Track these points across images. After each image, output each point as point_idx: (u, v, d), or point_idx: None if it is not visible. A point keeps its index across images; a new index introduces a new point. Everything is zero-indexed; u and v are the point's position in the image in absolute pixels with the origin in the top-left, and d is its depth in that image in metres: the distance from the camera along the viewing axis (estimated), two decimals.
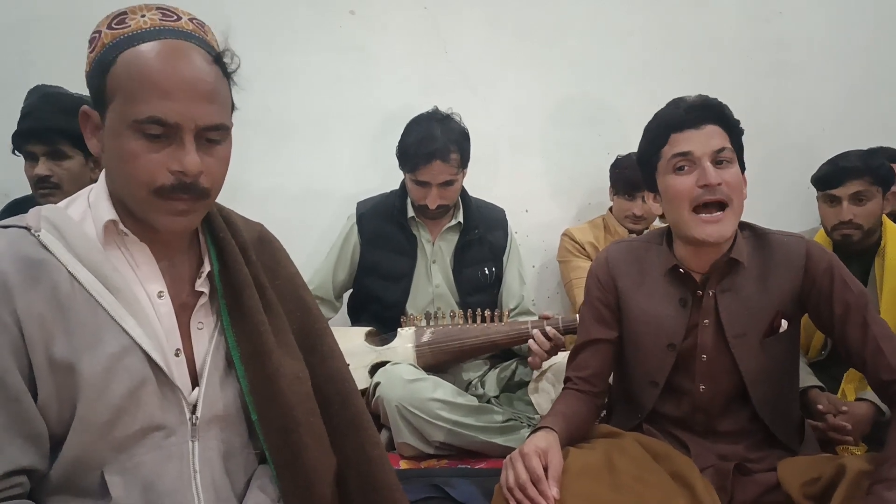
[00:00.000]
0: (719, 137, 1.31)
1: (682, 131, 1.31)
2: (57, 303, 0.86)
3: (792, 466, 1.26)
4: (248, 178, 2.44)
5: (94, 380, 0.85)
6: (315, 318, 1.08)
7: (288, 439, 0.96)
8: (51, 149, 1.80)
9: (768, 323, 1.35)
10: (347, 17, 2.52)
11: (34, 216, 0.91)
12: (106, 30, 0.89)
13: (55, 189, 1.82)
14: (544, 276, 2.79)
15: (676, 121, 1.32)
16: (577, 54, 2.69)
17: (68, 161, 1.81)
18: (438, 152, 2.03)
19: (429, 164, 2.04)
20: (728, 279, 1.36)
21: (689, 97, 1.35)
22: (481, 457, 1.84)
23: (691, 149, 1.30)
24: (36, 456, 0.85)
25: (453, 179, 2.09)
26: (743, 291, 1.35)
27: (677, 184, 1.31)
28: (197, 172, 0.88)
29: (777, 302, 1.35)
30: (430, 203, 2.08)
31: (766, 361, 1.36)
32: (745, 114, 1.38)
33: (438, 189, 2.07)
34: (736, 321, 1.35)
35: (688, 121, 1.31)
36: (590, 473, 1.17)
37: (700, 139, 1.30)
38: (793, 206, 2.67)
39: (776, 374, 1.38)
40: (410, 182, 2.11)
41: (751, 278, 1.36)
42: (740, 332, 1.35)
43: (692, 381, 1.38)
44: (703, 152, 1.29)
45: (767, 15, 2.80)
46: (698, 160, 1.29)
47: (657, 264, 1.41)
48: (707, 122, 1.31)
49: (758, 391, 1.36)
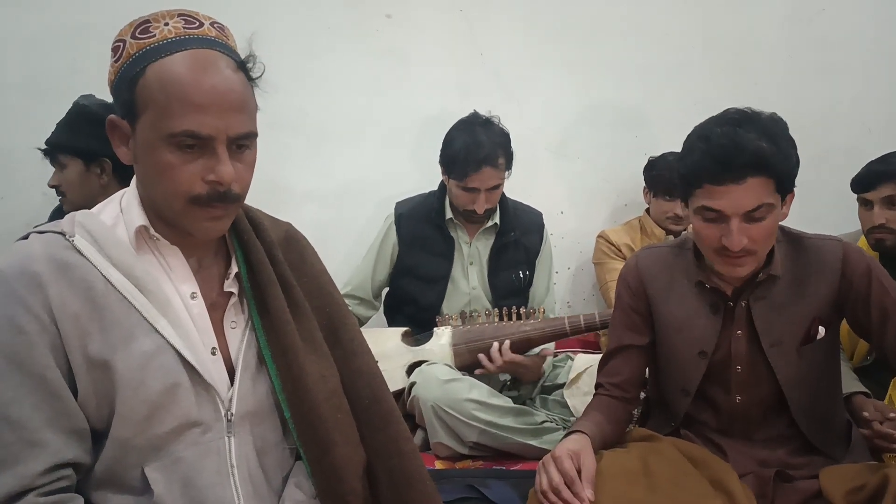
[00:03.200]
0: (759, 192, 1.18)
1: (719, 185, 1.18)
2: (91, 302, 0.88)
3: (835, 474, 1.23)
4: (286, 181, 2.48)
5: (129, 375, 0.88)
6: (343, 315, 1.09)
7: (315, 436, 0.98)
8: (53, 160, 1.91)
9: (805, 330, 1.31)
10: (384, 21, 2.54)
11: (69, 222, 0.94)
12: (131, 39, 0.90)
13: (63, 197, 1.93)
14: (580, 279, 2.77)
15: (715, 173, 1.18)
16: (613, 56, 2.67)
17: (67, 170, 1.89)
18: (488, 158, 2.02)
19: (479, 171, 2.03)
20: (761, 289, 1.32)
21: (736, 136, 1.17)
22: (517, 458, 1.83)
23: (722, 208, 1.19)
24: (80, 450, 0.88)
25: (499, 185, 2.10)
26: (777, 300, 1.31)
27: (702, 230, 1.24)
28: (231, 182, 0.90)
29: (814, 308, 1.31)
30: (479, 208, 2.08)
31: (804, 369, 1.32)
32: (788, 116, 1.33)
33: (486, 194, 2.07)
34: (771, 330, 1.31)
35: (727, 177, 1.17)
36: (625, 476, 1.16)
37: (735, 197, 1.17)
38: (837, 209, 2.60)
39: (815, 381, 1.34)
40: (457, 189, 2.09)
41: (785, 286, 1.32)
42: (776, 340, 1.31)
43: (727, 392, 1.35)
44: (734, 212, 1.18)
45: (810, 14, 2.74)
46: (728, 219, 1.19)
47: (686, 271, 1.38)
48: (749, 176, 1.17)
49: (796, 399, 1.32)
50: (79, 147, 1.85)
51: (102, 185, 1.89)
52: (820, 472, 1.25)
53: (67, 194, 1.91)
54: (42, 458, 0.83)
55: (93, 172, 1.89)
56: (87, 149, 1.82)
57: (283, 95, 2.21)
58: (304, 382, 0.98)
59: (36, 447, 0.84)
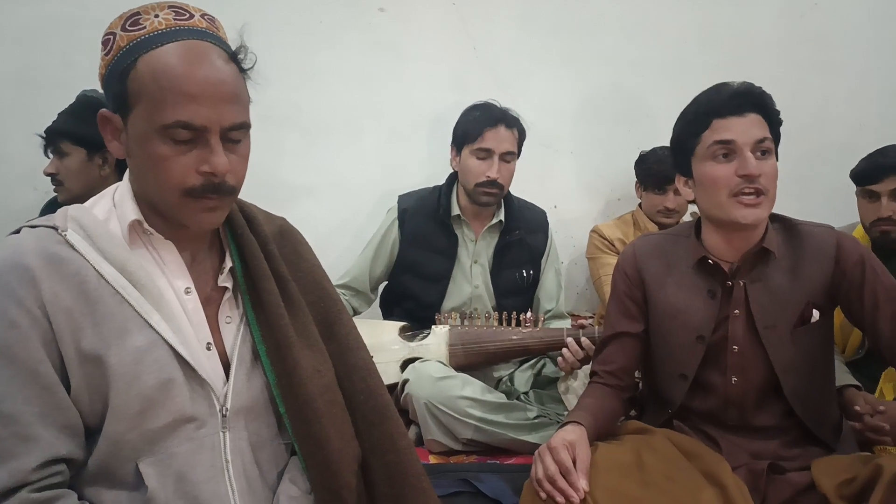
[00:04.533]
0: (761, 127, 1.29)
1: (724, 118, 1.29)
2: (84, 297, 0.88)
3: (826, 466, 1.24)
4: (281, 176, 2.48)
5: (123, 370, 0.87)
6: (338, 310, 1.09)
7: (310, 430, 0.98)
8: (54, 147, 1.90)
9: (799, 313, 1.34)
10: (377, 15, 2.53)
11: (61, 216, 0.93)
12: (121, 32, 0.90)
13: (60, 186, 1.92)
14: (573, 273, 2.78)
15: (720, 106, 1.30)
16: (607, 50, 2.67)
17: (67, 158, 1.88)
18: (504, 118, 2.08)
19: (495, 128, 2.06)
20: (758, 269, 1.35)
21: (734, 82, 1.32)
22: (510, 453, 1.84)
23: (734, 137, 1.28)
24: (73, 445, 0.87)
25: (513, 154, 2.11)
26: (773, 282, 1.34)
27: (716, 171, 1.30)
28: (225, 172, 0.90)
29: (808, 292, 1.34)
30: (493, 173, 2.05)
31: (797, 353, 1.34)
32: (783, 110, 1.35)
33: (500, 162, 2.07)
34: (766, 312, 1.33)
35: (732, 107, 1.29)
36: (619, 469, 1.17)
37: (743, 127, 1.28)
38: (832, 203, 2.61)
39: (808, 366, 1.36)
40: (471, 157, 2.08)
41: (781, 269, 1.35)
42: (770, 322, 1.33)
43: (723, 374, 1.37)
44: (745, 142, 1.28)
45: (803, 9, 2.75)
46: (740, 149, 1.28)
47: (685, 257, 1.41)
48: (750, 111, 1.29)
49: (789, 383, 1.34)
50: (83, 136, 1.83)
51: (103, 176, 1.88)
52: (812, 464, 1.26)
53: (65, 183, 1.90)
54: (35, 453, 0.83)
55: (94, 163, 1.88)
56: (92, 138, 1.80)
57: (277, 89, 2.21)
58: (298, 377, 0.98)
59: (28, 442, 0.83)
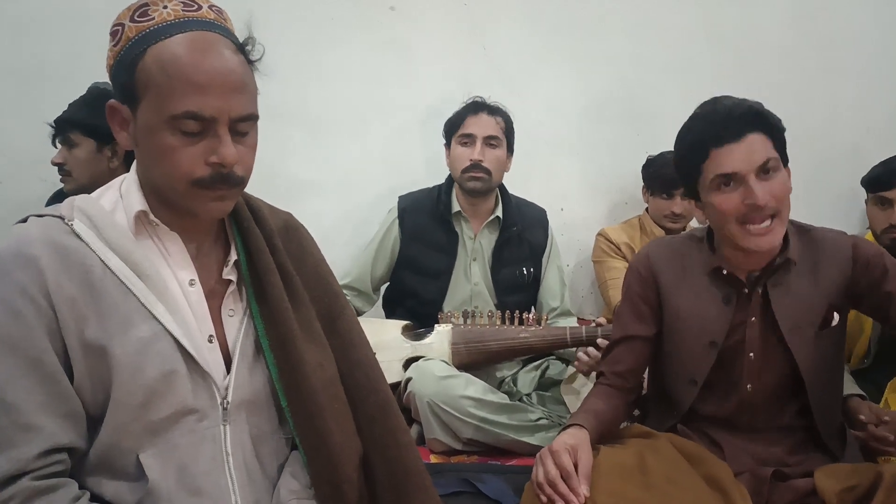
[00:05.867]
0: (762, 147, 1.23)
1: (721, 146, 1.23)
2: (89, 286, 0.88)
3: (829, 473, 1.23)
4: (286, 171, 2.47)
5: (126, 361, 0.87)
6: (342, 306, 1.09)
7: (312, 424, 0.98)
8: (63, 137, 1.90)
9: (822, 316, 1.33)
10: (387, 13, 2.53)
11: (67, 206, 0.93)
12: (129, 23, 0.90)
13: (68, 176, 1.91)
14: (578, 276, 2.77)
15: (715, 135, 1.24)
16: (615, 51, 2.66)
17: (76, 149, 1.88)
18: (486, 107, 2.16)
19: (476, 115, 2.13)
20: (778, 275, 1.33)
21: (725, 101, 1.26)
22: (512, 454, 1.84)
23: (735, 169, 1.22)
24: (75, 434, 0.87)
25: (497, 139, 2.14)
26: (794, 286, 1.33)
27: (723, 203, 1.25)
28: (233, 163, 0.90)
29: (828, 294, 1.33)
30: (477, 155, 2.10)
31: (818, 356, 1.34)
32: (791, 116, 1.33)
33: (483, 146, 2.11)
34: (790, 315, 1.32)
35: (728, 134, 1.23)
36: (621, 472, 1.16)
37: (742, 154, 1.22)
38: (839, 209, 2.61)
39: (826, 370, 1.35)
40: (456, 146, 2.15)
41: (800, 273, 1.34)
42: (795, 325, 1.32)
43: (738, 380, 1.36)
44: (748, 170, 1.22)
45: (812, 11, 2.73)
46: (743, 178, 1.23)
47: (699, 263, 1.39)
48: (748, 131, 1.22)
49: (814, 385, 1.33)
50: (94, 126, 1.83)
51: (112, 168, 1.88)
52: (815, 472, 1.25)
53: (73, 173, 1.89)
54: (36, 441, 0.83)
55: (104, 155, 1.87)
56: (102, 130, 1.80)
57: (286, 86, 2.21)
58: (302, 370, 0.98)
59: (30, 431, 0.83)
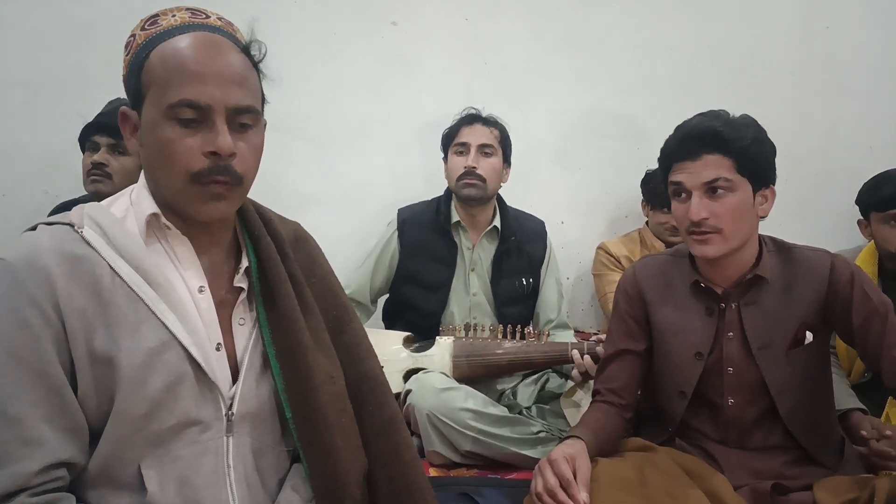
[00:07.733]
0: (715, 168, 1.29)
1: (679, 162, 1.33)
2: (98, 296, 0.87)
3: (829, 487, 1.23)
4: (288, 183, 2.49)
5: (132, 372, 0.86)
6: (350, 318, 1.09)
7: (318, 439, 0.97)
8: (114, 142, 1.93)
9: (793, 335, 1.35)
10: (390, 28, 2.55)
11: (77, 214, 0.93)
12: (140, 32, 0.93)
13: (106, 178, 1.94)
14: (579, 289, 2.77)
15: (674, 151, 1.34)
16: (617, 67, 2.68)
17: (126, 157, 1.93)
18: (481, 118, 2.20)
19: (470, 125, 2.18)
20: (751, 293, 1.36)
21: (694, 121, 1.33)
22: (511, 468, 1.83)
23: (682, 180, 1.32)
24: (76, 449, 0.86)
25: (492, 148, 2.16)
26: (766, 304, 1.36)
27: (676, 210, 1.36)
28: (229, 153, 0.90)
29: (801, 314, 1.35)
30: (471, 161, 2.13)
31: (792, 374, 1.35)
32: (793, 132, 1.36)
33: (477, 154, 2.13)
34: (760, 333, 1.35)
35: (684, 152, 1.31)
36: (621, 484, 1.17)
37: (694, 171, 1.30)
38: (840, 226, 2.60)
39: (804, 387, 1.36)
40: (452, 155, 2.18)
41: (774, 291, 1.37)
42: (764, 343, 1.35)
43: (721, 396, 1.37)
44: (693, 185, 1.30)
45: (816, 31, 2.75)
46: (689, 192, 1.31)
47: (681, 277, 1.43)
48: (705, 152, 1.29)
49: (785, 404, 1.35)
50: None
51: None
52: (814, 485, 1.25)
53: (114, 178, 1.93)
54: (37, 456, 0.82)
55: None
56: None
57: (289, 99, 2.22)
58: (312, 382, 0.97)
59: (32, 445, 0.82)
